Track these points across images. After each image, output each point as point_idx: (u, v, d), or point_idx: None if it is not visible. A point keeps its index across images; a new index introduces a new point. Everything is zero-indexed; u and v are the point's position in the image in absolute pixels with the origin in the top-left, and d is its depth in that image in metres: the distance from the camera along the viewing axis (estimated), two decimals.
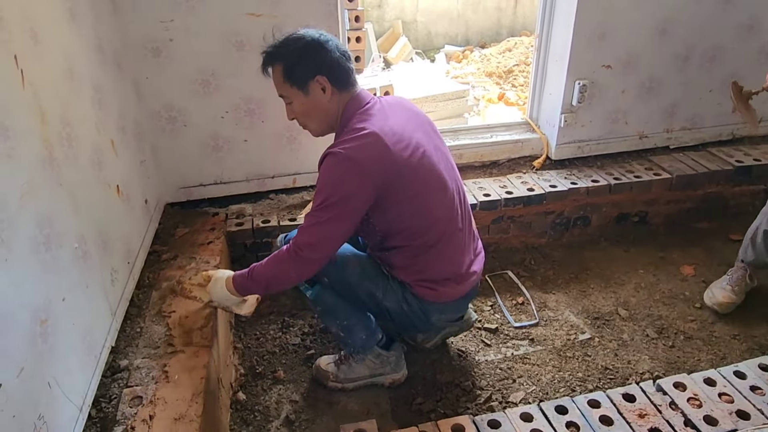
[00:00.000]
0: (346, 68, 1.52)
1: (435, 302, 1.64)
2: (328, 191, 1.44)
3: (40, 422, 1.08)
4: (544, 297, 2.22)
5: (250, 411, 1.75)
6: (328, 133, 1.62)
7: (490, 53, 5.85)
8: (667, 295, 2.22)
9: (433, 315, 1.67)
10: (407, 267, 1.62)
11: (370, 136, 1.43)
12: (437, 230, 1.59)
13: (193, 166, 2.25)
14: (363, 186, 1.44)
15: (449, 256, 1.64)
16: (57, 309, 1.21)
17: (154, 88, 2.07)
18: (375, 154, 1.43)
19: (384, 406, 1.77)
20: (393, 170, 1.46)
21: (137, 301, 1.74)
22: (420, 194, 1.53)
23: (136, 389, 1.43)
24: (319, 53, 1.48)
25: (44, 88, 1.29)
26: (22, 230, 1.11)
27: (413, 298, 1.64)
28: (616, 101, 2.54)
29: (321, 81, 1.49)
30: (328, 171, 1.45)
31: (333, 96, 1.51)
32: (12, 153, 1.10)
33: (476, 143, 2.57)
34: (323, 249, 1.49)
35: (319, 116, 1.56)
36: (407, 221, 1.56)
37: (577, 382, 1.82)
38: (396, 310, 1.66)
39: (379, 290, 1.65)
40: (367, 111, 1.52)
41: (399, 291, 1.64)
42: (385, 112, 1.53)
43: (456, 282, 1.64)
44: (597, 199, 2.45)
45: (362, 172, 1.42)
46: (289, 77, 1.49)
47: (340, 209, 1.44)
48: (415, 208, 1.54)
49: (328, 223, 1.45)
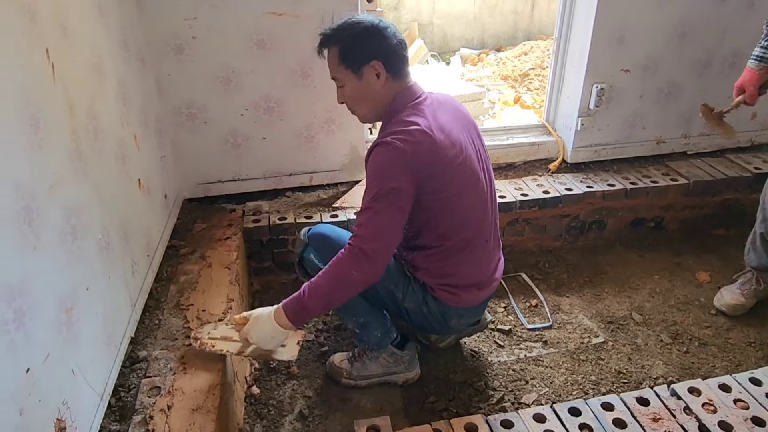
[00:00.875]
0: (401, 56, 1.52)
1: (455, 306, 1.64)
2: (380, 181, 1.43)
3: (64, 407, 1.11)
4: (558, 300, 2.22)
5: (264, 405, 1.77)
6: (375, 121, 1.62)
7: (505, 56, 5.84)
8: (682, 301, 2.21)
9: (452, 319, 1.68)
10: (432, 270, 1.62)
11: (420, 132, 1.43)
12: (468, 234, 1.59)
13: (212, 163, 2.28)
14: (406, 176, 1.43)
15: (475, 263, 1.64)
16: (81, 298, 1.24)
17: (175, 84, 2.10)
18: (422, 149, 1.42)
19: (396, 403, 1.78)
20: (436, 168, 1.46)
21: (156, 294, 1.77)
22: (457, 195, 1.53)
23: (155, 380, 1.45)
24: (376, 38, 1.48)
25: (73, 82, 1.32)
26: (50, 220, 1.13)
27: (433, 301, 1.64)
28: (633, 105, 2.53)
29: (376, 66, 1.48)
30: (379, 160, 1.44)
31: (386, 83, 1.51)
32: (42, 144, 1.13)
33: (492, 145, 2.57)
34: (384, 239, 1.44)
35: (369, 102, 1.55)
36: (442, 221, 1.55)
37: (590, 385, 1.82)
38: (415, 311, 1.67)
39: (400, 290, 1.65)
40: (418, 104, 1.51)
41: (420, 293, 1.65)
42: (435, 109, 1.51)
43: (478, 288, 1.65)
44: (613, 203, 2.44)
45: (408, 164, 1.41)
46: (345, 59, 1.49)
47: (393, 197, 1.42)
48: (451, 209, 1.54)
49: (385, 213, 1.42)
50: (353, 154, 2.38)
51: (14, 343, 0.96)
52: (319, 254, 1.67)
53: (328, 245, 1.66)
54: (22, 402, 0.96)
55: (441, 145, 1.45)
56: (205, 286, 1.81)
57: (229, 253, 1.99)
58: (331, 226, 1.76)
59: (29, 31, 1.13)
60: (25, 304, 1.00)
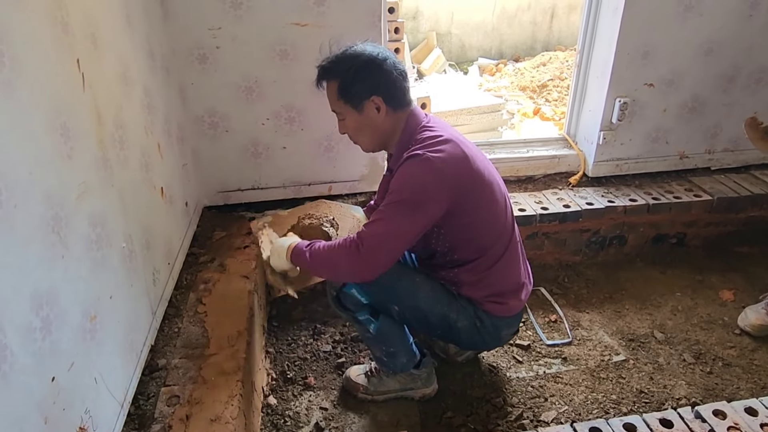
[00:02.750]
0: (402, 88, 1.51)
1: (505, 316, 1.64)
2: (405, 191, 1.41)
3: (87, 416, 1.11)
4: (578, 316, 2.19)
5: (281, 416, 1.76)
6: (379, 150, 1.62)
7: (524, 67, 5.83)
8: (705, 319, 2.16)
9: (503, 329, 1.67)
10: (475, 283, 1.60)
11: (450, 144, 1.44)
12: (503, 242, 1.60)
13: (232, 171, 2.29)
14: (440, 191, 1.41)
15: (512, 268, 1.64)
16: (105, 306, 1.25)
17: (198, 93, 2.12)
18: (455, 160, 1.43)
19: (414, 418, 1.76)
20: (469, 179, 1.46)
21: (175, 302, 1.77)
22: (488, 205, 1.54)
23: (174, 388, 1.45)
24: (376, 73, 1.46)
25: (101, 91, 1.33)
26: (77, 229, 1.14)
27: (485, 315, 1.62)
28: (657, 120, 2.50)
29: (376, 101, 1.47)
30: (409, 171, 1.42)
31: (387, 116, 1.50)
32: (72, 153, 1.14)
33: (512, 157, 2.56)
34: (385, 247, 1.41)
35: (371, 134, 1.54)
36: (479, 231, 1.55)
37: (611, 404, 1.79)
38: (469, 329, 1.62)
39: (453, 311, 1.60)
40: (429, 124, 1.52)
41: (470, 309, 1.62)
42: (445, 127, 1.54)
43: (519, 293, 1.65)
44: (634, 218, 2.41)
45: (443, 178, 1.40)
46: (344, 95, 1.48)
47: (411, 209, 1.40)
48: (485, 218, 1.54)
49: (397, 222, 1.41)
50: (373, 165, 2.38)
51: (41, 352, 0.96)
52: (362, 288, 1.59)
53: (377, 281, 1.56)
54: (47, 411, 0.96)
55: (470, 156, 1.47)
56: (224, 294, 1.81)
57: (248, 262, 1.99)
58: None
59: (61, 41, 1.14)
60: (52, 312, 1.00)
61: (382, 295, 1.58)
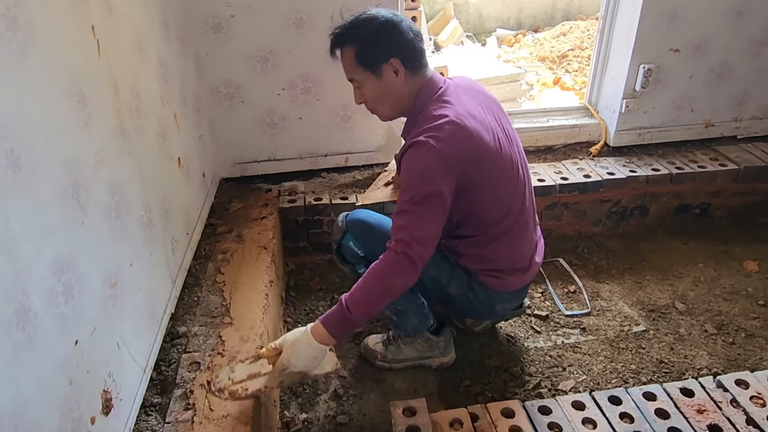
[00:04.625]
0: (419, 49, 1.48)
1: (501, 291, 1.62)
2: (417, 185, 1.37)
3: (110, 380, 1.13)
4: (597, 286, 2.17)
5: (299, 384, 1.78)
6: (398, 117, 1.59)
7: (543, 37, 5.68)
8: (729, 290, 2.13)
9: (498, 304, 1.66)
10: (475, 256, 1.60)
11: (453, 125, 1.39)
12: (510, 219, 1.56)
13: (249, 142, 2.29)
14: (448, 176, 1.39)
15: (517, 247, 1.61)
16: (125, 274, 1.26)
17: (214, 63, 2.11)
18: (458, 143, 1.38)
19: (431, 386, 1.77)
20: (473, 158, 1.42)
21: (195, 272, 1.79)
22: (496, 182, 1.50)
23: (194, 355, 1.48)
24: (393, 34, 1.43)
25: (116, 60, 1.32)
26: (96, 196, 1.15)
27: (479, 287, 1.62)
28: (682, 87, 2.43)
29: (395, 64, 1.44)
30: (415, 162, 1.39)
31: (406, 79, 1.47)
32: (89, 121, 1.14)
33: (531, 127, 2.51)
34: (427, 243, 1.37)
35: (391, 100, 1.50)
36: (484, 209, 1.52)
37: (630, 374, 1.78)
38: (461, 297, 1.64)
39: (444, 277, 1.62)
40: (442, 96, 1.46)
41: (465, 279, 1.62)
42: (460, 96, 1.47)
43: (522, 272, 1.62)
44: (657, 188, 2.36)
45: (447, 164, 1.37)
46: (363, 60, 1.45)
47: (432, 201, 1.37)
48: (492, 196, 1.51)
49: (425, 217, 1.37)
50: (389, 135, 2.36)
51: (64, 316, 0.98)
52: (358, 241, 1.65)
53: (367, 232, 1.65)
54: (71, 372, 0.98)
55: (475, 133, 1.41)
56: (241, 264, 1.83)
57: (265, 233, 2.00)
58: (370, 212, 1.74)
59: (76, 7, 1.13)
60: (73, 277, 1.02)
61: (377, 249, 1.51)
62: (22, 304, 0.85)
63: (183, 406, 1.33)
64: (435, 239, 1.39)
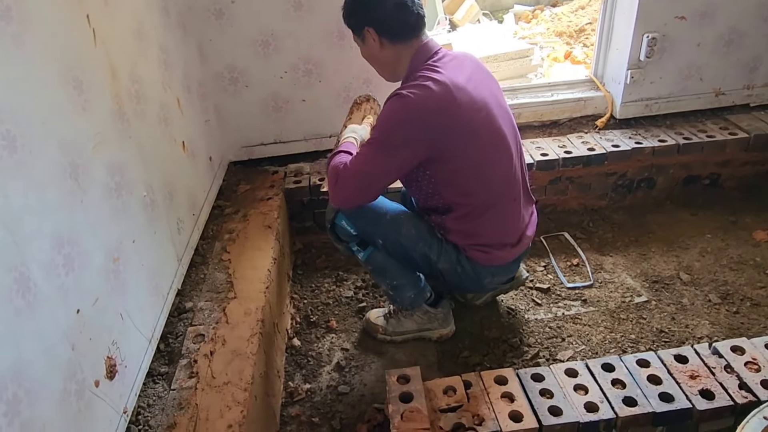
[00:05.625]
0: (400, 20, 1.51)
1: (488, 265, 1.64)
2: (383, 131, 1.48)
3: (114, 347, 1.21)
4: (601, 259, 2.17)
5: (304, 356, 1.85)
6: (395, 81, 1.64)
7: (561, 12, 5.57)
8: (736, 260, 2.10)
9: (486, 278, 1.69)
10: (462, 231, 1.62)
11: (438, 85, 1.43)
12: (494, 193, 1.58)
13: (254, 126, 2.35)
14: (414, 135, 1.45)
15: (504, 222, 1.63)
16: (127, 250, 1.33)
17: (217, 49, 2.16)
18: (437, 104, 1.43)
19: (431, 357, 1.82)
20: (454, 124, 1.45)
21: (202, 251, 1.87)
22: (480, 153, 1.52)
23: (199, 328, 1.55)
24: (367, 5, 1.51)
25: (114, 47, 1.39)
26: (95, 176, 1.22)
27: (467, 261, 1.65)
28: (690, 55, 2.38)
29: (370, 32, 1.52)
30: (388, 111, 1.48)
31: (385, 47, 1.54)
32: (86, 105, 1.21)
33: (536, 102, 2.50)
34: (358, 182, 1.51)
35: (377, 64, 1.62)
36: (464, 179, 1.55)
37: (629, 344, 1.79)
38: (449, 271, 1.67)
39: (434, 252, 1.65)
40: (435, 62, 1.51)
41: (453, 254, 1.65)
42: (453, 66, 1.51)
43: (510, 246, 1.64)
44: (664, 159, 2.33)
45: (420, 121, 1.43)
46: (348, 24, 1.60)
47: (386, 151, 1.47)
48: (474, 167, 1.53)
49: (371, 160, 1.48)
50: None
51: (65, 286, 1.05)
52: (350, 220, 1.68)
53: (359, 211, 1.67)
54: (74, 339, 1.06)
55: (459, 101, 1.44)
56: (247, 243, 1.90)
57: (270, 213, 2.06)
58: None
59: None
60: (73, 251, 1.09)
61: (368, 228, 1.65)
62: (21, 274, 0.93)
63: (187, 374, 1.41)
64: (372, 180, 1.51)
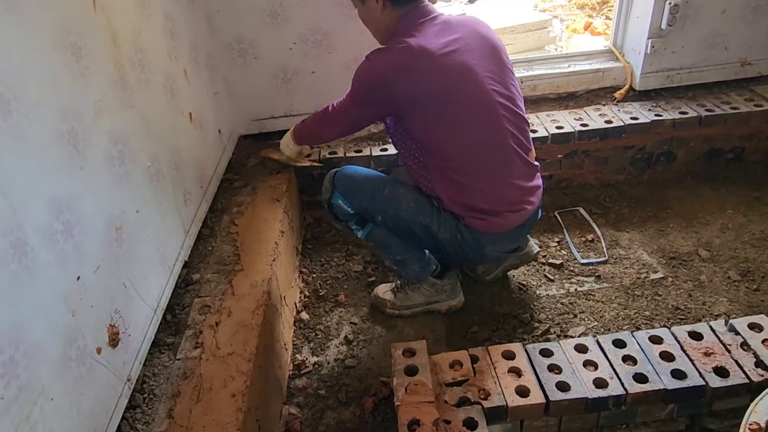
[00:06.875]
0: None
1: (486, 233, 1.61)
2: (353, 87, 1.60)
3: (117, 316, 1.21)
4: (617, 235, 2.12)
5: (312, 329, 1.85)
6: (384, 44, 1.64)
7: None
8: (758, 237, 2.03)
9: (486, 246, 1.65)
10: (453, 199, 1.60)
11: (403, 50, 1.49)
12: (478, 158, 1.56)
13: (265, 99, 2.32)
14: (376, 95, 1.55)
15: (495, 188, 1.59)
16: (131, 219, 1.33)
17: (225, 20, 2.13)
18: (396, 66, 1.49)
19: (439, 332, 1.80)
20: (414, 86, 1.49)
21: (210, 223, 1.86)
22: (453, 116, 1.52)
23: (206, 299, 1.55)
24: None
25: (115, 14, 1.36)
26: (96, 143, 1.21)
27: (466, 229, 1.62)
28: (714, 23, 2.27)
29: None
30: (357, 71, 1.57)
31: (386, 9, 1.54)
32: (85, 72, 1.19)
33: (552, 73, 2.42)
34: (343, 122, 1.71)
35: (374, 27, 1.64)
36: (442, 142, 1.56)
37: (643, 320, 1.75)
38: (450, 241, 1.65)
39: (434, 223, 1.64)
40: (419, 26, 1.51)
41: (452, 222, 1.63)
42: (437, 29, 1.50)
43: (504, 213, 1.60)
44: (684, 132, 2.25)
45: (378, 83, 1.53)
46: None
47: (359, 104, 1.61)
48: (449, 130, 1.54)
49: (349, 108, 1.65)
50: None
51: (64, 252, 1.05)
52: (347, 199, 1.70)
53: (354, 186, 1.69)
54: (74, 305, 1.06)
55: (421, 65, 1.47)
56: (255, 216, 1.89)
57: (279, 186, 2.05)
58: (357, 167, 1.77)
59: None
60: (73, 218, 1.08)
61: (365, 204, 1.69)
62: (18, 238, 0.92)
63: (192, 344, 1.41)
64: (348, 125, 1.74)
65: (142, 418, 1.23)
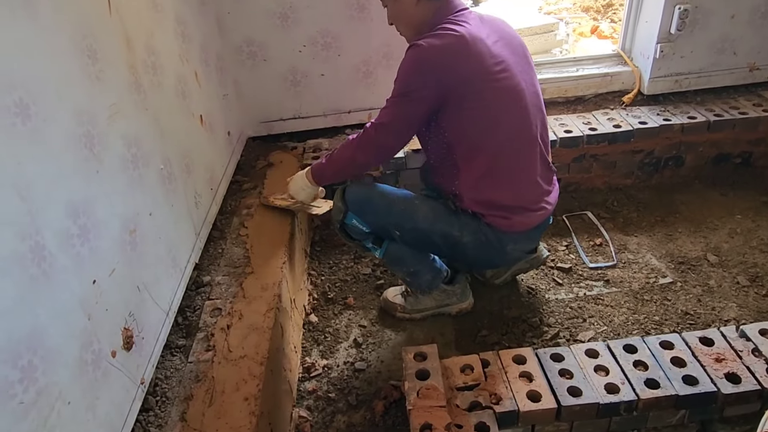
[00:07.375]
0: None
1: (509, 231, 1.62)
2: (401, 80, 1.52)
3: (131, 318, 1.21)
4: (625, 239, 2.12)
5: (321, 332, 1.85)
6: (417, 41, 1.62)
7: None
8: (767, 242, 2.03)
9: (508, 244, 1.65)
10: (476, 198, 1.60)
11: (454, 37, 1.46)
12: (505, 150, 1.56)
13: (273, 101, 2.32)
14: (428, 79, 1.47)
15: (518, 183, 1.60)
16: (144, 222, 1.33)
17: (235, 22, 2.13)
18: (451, 52, 1.46)
19: (449, 336, 1.80)
20: (466, 72, 1.47)
21: (220, 226, 1.87)
22: (491, 104, 1.52)
23: (217, 302, 1.56)
24: None
25: (130, 17, 1.37)
26: (111, 147, 1.21)
27: (488, 229, 1.62)
28: (723, 28, 2.27)
29: None
30: (405, 61, 1.51)
31: (420, 3, 1.53)
32: (101, 75, 1.19)
33: (560, 77, 2.42)
34: (394, 129, 1.56)
35: (408, 22, 1.59)
36: (474, 131, 1.55)
37: (653, 326, 1.75)
38: (474, 243, 1.64)
39: (455, 228, 1.63)
40: (459, 16, 1.52)
41: (474, 224, 1.63)
42: (477, 23, 1.52)
43: (526, 211, 1.61)
44: (693, 137, 2.25)
45: (434, 63, 1.47)
46: None
47: (403, 101, 1.52)
48: (484, 117, 1.53)
49: (399, 108, 1.53)
50: None
51: (80, 256, 1.05)
52: (361, 218, 1.65)
53: (368, 206, 1.65)
54: (90, 309, 1.06)
55: (475, 52, 1.46)
56: (265, 219, 1.89)
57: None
58: (363, 182, 1.76)
59: None
60: (89, 222, 1.09)
61: (381, 222, 1.65)
62: (36, 242, 0.92)
63: (204, 347, 1.41)
64: (400, 131, 1.58)
65: (155, 421, 1.23)
